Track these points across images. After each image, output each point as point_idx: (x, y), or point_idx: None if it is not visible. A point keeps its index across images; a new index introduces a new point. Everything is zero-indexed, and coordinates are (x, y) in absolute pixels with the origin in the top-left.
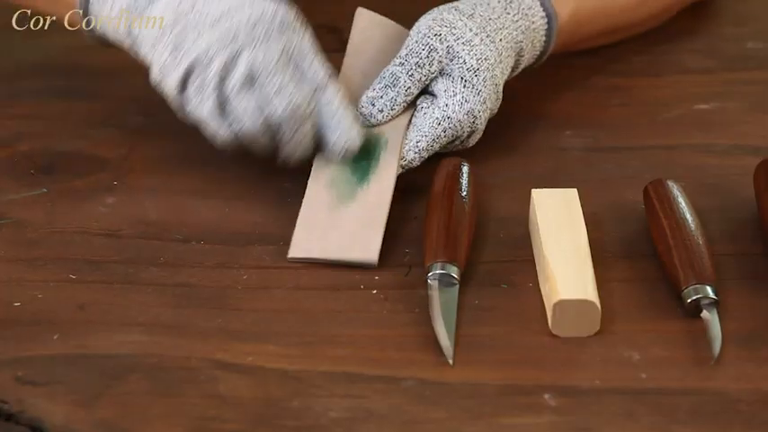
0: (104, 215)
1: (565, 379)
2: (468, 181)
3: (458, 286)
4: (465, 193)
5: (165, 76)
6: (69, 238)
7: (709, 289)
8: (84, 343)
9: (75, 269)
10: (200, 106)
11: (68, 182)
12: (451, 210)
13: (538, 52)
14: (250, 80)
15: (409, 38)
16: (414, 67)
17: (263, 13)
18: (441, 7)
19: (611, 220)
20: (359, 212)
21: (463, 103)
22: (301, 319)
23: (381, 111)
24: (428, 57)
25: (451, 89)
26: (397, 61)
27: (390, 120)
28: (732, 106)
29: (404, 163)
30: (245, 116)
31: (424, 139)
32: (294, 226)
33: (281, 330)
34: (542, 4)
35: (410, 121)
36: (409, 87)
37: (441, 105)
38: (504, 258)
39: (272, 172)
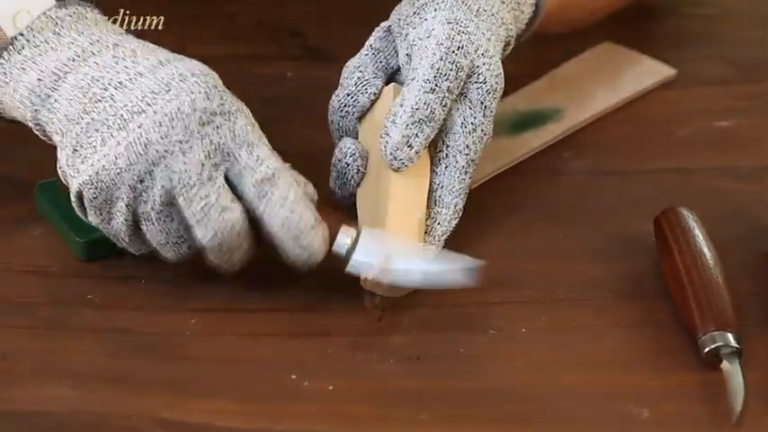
0: (30, 249)
1: None
2: None
3: None
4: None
5: (66, 182)
6: None
7: (729, 336)
8: (7, 397)
9: None
10: (103, 225)
11: None
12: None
13: (513, 44)
14: (168, 200)
15: (425, 52)
16: (446, 94)
17: (179, 106)
18: (449, 3)
19: (616, 255)
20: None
21: (483, 138)
22: (259, 369)
23: (417, 153)
24: (456, 78)
25: (470, 121)
26: (427, 86)
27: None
28: (754, 123)
29: (443, 236)
30: (163, 245)
31: (459, 199)
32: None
33: (235, 383)
34: None
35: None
36: (439, 120)
37: (461, 149)
38: (491, 300)
39: None
